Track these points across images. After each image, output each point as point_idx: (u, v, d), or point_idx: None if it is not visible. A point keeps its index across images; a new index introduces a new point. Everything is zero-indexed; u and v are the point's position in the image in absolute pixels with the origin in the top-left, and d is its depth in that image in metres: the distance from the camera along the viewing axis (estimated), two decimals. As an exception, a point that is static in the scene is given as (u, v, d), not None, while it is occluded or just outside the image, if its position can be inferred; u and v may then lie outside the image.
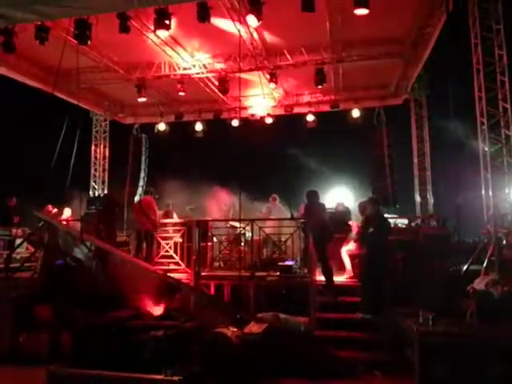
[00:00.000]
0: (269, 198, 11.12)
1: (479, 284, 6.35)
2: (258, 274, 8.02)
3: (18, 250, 9.02)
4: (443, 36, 9.13)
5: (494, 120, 8.08)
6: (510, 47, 8.01)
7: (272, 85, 11.81)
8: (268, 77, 11.49)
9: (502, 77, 8.01)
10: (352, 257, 8.25)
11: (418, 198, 13.79)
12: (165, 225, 10.41)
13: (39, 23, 8.43)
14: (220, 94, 12.51)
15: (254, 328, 6.42)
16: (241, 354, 5.75)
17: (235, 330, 6.31)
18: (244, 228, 8.76)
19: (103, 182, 15.85)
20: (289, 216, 9.21)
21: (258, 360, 5.69)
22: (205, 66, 11.53)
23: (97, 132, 15.92)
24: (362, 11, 7.53)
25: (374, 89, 13.52)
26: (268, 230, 8.45)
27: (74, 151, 9.43)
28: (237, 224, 9.46)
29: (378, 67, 11.45)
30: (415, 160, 13.94)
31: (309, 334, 6.50)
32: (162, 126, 14.83)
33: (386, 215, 8.83)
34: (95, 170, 15.78)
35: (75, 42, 8.67)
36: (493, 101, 8.08)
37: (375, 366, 5.95)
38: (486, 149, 8.11)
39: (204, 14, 8.06)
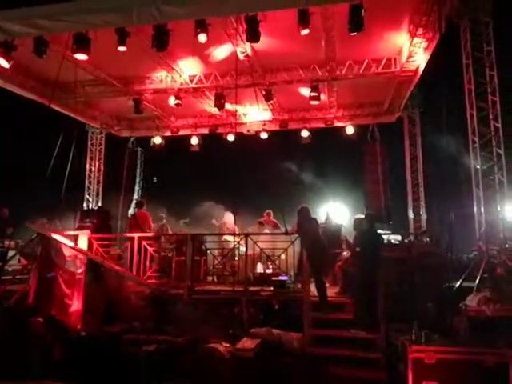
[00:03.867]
0: (263, 214, 11.18)
1: (472, 301, 6.38)
2: (252, 288, 8.00)
3: (10, 262, 8.94)
4: (436, 55, 9.31)
5: (485, 138, 8.21)
6: (500, 68, 8.20)
7: (267, 101, 11.96)
8: (264, 93, 11.63)
9: (493, 97, 8.17)
10: (344, 272, 8.26)
11: (411, 215, 13.89)
12: (159, 238, 10.40)
13: (38, 36, 8.52)
14: (216, 109, 12.61)
15: (246, 343, 6.39)
16: (233, 370, 5.72)
17: (228, 345, 6.29)
18: (238, 242, 8.77)
19: (97, 195, 15.82)
20: (283, 231, 9.24)
21: (250, 376, 5.66)
22: (201, 81, 11.67)
23: (92, 145, 15.95)
24: (355, 33, 7.67)
25: (368, 106, 13.74)
26: (262, 245, 8.46)
27: (69, 163, 9.46)
28: (231, 238, 9.46)
29: (371, 85, 11.64)
30: (408, 177, 14.08)
31: (302, 351, 6.48)
32: (157, 140, 14.91)
33: (379, 231, 8.88)
34: (90, 182, 15.76)
35: (73, 55, 8.74)
36: (484, 120, 8.22)
37: (368, 383, 5.94)
38: (478, 166, 8.22)
39: (202, 31, 8.18)
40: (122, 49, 8.65)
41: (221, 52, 10.22)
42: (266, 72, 11.21)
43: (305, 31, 7.89)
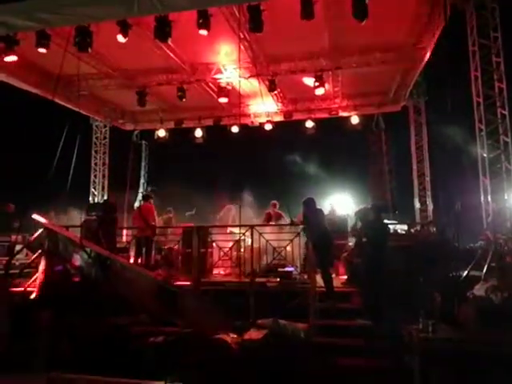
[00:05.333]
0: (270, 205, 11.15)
1: (479, 290, 6.35)
2: (258, 280, 8.02)
3: (17, 256, 9.00)
4: (441, 42, 9.20)
5: (492, 126, 8.13)
6: (507, 55, 8.08)
7: (271, 91, 11.89)
8: (267, 83, 11.56)
9: (500, 84, 8.08)
10: (350, 263, 8.25)
11: (417, 204, 13.83)
12: (165, 231, 10.45)
13: (40, 30, 8.50)
14: (220, 100, 12.55)
15: (253, 335, 6.41)
16: (241, 361, 5.74)
17: (235, 336, 6.31)
18: (244, 234, 8.77)
19: (103, 188, 15.86)
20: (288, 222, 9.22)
21: (257, 367, 5.68)
22: (204, 73, 11.61)
23: (97, 138, 15.96)
24: (359, 21, 7.58)
25: (373, 96, 13.59)
26: (268, 237, 8.46)
27: (74, 157, 9.45)
28: (236, 230, 9.46)
29: (376, 74, 11.53)
30: (414, 166, 13.99)
31: (308, 341, 6.49)
32: (161, 133, 14.89)
33: (385, 221, 8.85)
34: (95, 176, 15.80)
35: (76, 49, 8.71)
36: (491, 107, 8.14)
37: (374, 373, 5.94)
38: (485, 155, 8.16)
39: (204, 22, 8.12)
40: (123, 41, 8.61)
41: (224, 43, 10.14)
42: (270, 62, 11.12)
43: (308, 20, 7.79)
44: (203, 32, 8.32)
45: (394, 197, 13.34)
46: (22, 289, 7.66)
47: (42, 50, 8.89)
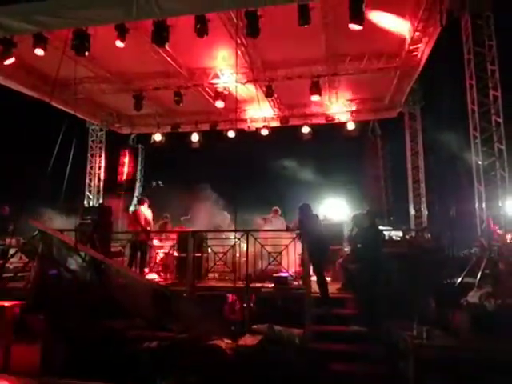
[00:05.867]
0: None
1: (473, 297, 6.36)
2: (253, 285, 8.00)
3: (11, 259, 8.93)
4: (437, 50, 9.29)
5: (487, 134, 8.18)
6: (502, 63, 8.16)
7: (268, 97, 11.93)
8: (264, 89, 11.59)
9: (495, 92, 8.13)
10: (345, 269, 8.25)
11: (412, 211, 13.86)
12: (160, 235, 10.42)
13: (37, 33, 8.50)
14: (216, 105, 12.58)
15: (248, 340, 6.39)
16: (235, 367, 5.72)
17: (229, 341, 6.29)
18: (239, 239, 8.75)
19: (98, 192, 15.82)
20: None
21: (252, 372, 5.66)
22: (202, 77, 11.63)
23: (93, 142, 15.93)
24: (356, 27, 7.62)
25: (369, 102, 13.70)
26: (264, 242, 8.44)
27: (70, 161, 9.45)
28: (232, 235, 9.44)
29: (373, 81, 11.60)
30: (409, 172, 14.04)
31: (304, 347, 6.48)
32: (158, 137, 14.90)
33: (380, 227, 8.87)
34: (90, 179, 15.75)
35: (73, 52, 8.71)
36: (486, 115, 8.18)
37: (369, 378, 5.93)
38: (479, 162, 8.20)
39: (202, 27, 8.14)
40: (120, 45, 8.62)
41: (221, 48, 10.17)
42: (266, 68, 11.16)
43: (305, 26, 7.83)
44: (201, 37, 8.34)
45: (389, 203, 13.38)
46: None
47: (40, 53, 8.88)
